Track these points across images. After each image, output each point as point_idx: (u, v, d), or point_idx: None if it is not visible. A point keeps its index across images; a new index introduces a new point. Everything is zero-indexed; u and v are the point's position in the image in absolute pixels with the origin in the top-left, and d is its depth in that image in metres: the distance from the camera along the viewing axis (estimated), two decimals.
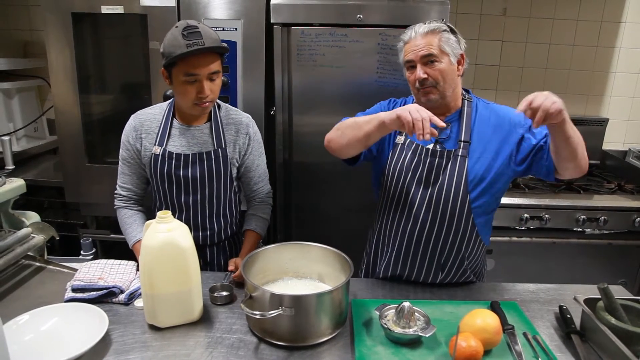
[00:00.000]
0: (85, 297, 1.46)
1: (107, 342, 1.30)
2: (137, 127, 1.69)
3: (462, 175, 1.55)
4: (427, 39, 1.51)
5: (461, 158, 1.55)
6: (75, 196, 2.52)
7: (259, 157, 1.83)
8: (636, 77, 3.10)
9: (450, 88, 1.55)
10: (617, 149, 3.19)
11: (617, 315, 1.31)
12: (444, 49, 1.51)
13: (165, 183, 1.69)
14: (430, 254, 1.61)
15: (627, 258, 2.56)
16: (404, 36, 1.57)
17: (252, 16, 2.22)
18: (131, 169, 1.74)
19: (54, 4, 2.25)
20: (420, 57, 1.51)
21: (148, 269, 1.33)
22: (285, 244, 1.57)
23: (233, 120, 1.75)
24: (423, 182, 1.58)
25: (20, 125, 2.87)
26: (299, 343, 1.30)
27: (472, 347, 1.20)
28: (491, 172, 1.56)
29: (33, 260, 1.72)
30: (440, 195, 1.56)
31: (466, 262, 1.64)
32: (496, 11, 3.00)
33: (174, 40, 1.51)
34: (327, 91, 2.29)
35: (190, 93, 1.57)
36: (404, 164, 1.61)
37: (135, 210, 1.78)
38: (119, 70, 2.48)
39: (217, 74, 1.59)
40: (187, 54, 1.49)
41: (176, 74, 1.55)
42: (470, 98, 1.63)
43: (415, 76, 1.53)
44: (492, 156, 1.56)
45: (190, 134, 1.69)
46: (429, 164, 1.57)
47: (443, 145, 1.58)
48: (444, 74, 1.51)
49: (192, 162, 1.67)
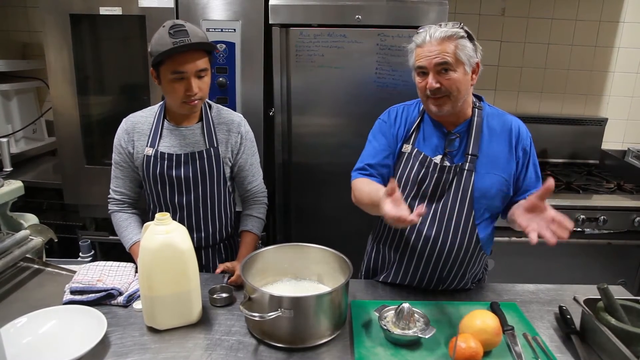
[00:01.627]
0: (83, 299, 1.46)
1: (105, 344, 1.29)
2: (128, 129, 1.69)
3: (467, 190, 1.50)
4: (442, 46, 1.40)
5: (467, 172, 1.49)
6: (74, 198, 2.52)
7: (252, 155, 1.82)
8: (635, 76, 3.10)
9: (462, 98, 1.47)
10: (616, 148, 3.19)
11: (617, 315, 1.31)
12: (459, 57, 1.41)
13: (158, 184, 1.69)
14: (432, 268, 1.57)
15: (627, 258, 2.56)
16: (416, 38, 1.46)
17: (251, 17, 2.22)
18: (124, 173, 1.73)
19: (52, 6, 2.25)
20: (433, 65, 1.41)
21: (147, 270, 1.33)
22: (284, 245, 1.56)
23: (224, 120, 1.74)
24: (428, 196, 1.53)
25: (19, 126, 2.86)
26: (298, 345, 1.30)
27: (472, 348, 1.20)
28: (496, 187, 1.51)
29: (31, 262, 1.72)
30: (445, 210, 1.52)
31: (468, 274, 1.61)
32: (495, 11, 3.00)
33: (161, 39, 1.51)
34: (326, 92, 2.29)
35: (179, 91, 1.56)
36: (410, 176, 1.55)
37: (130, 213, 1.77)
38: (117, 72, 2.47)
39: (205, 72, 1.58)
40: (172, 51, 1.49)
41: (164, 72, 1.55)
42: (481, 106, 1.56)
43: (427, 84, 1.43)
44: (499, 171, 1.51)
45: (182, 135, 1.69)
46: (436, 179, 1.51)
47: (451, 159, 1.53)
48: (457, 84, 1.42)
49: (184, 162, 1.67)
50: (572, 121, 3.12)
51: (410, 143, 1.58)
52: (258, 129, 2.32)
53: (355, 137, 1.82)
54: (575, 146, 3.15)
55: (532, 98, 3.16)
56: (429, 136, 1.57)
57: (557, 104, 3.17)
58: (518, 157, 1.54)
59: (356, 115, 2.28)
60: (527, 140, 1.55)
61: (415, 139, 1.58)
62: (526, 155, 1.55)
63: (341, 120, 2.33)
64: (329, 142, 2.35)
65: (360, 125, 1.85)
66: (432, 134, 1.56)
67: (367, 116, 1.80)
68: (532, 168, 1.56)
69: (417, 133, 1.59)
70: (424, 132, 1.58)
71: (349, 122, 2.31)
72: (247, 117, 2.17)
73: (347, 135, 2.30)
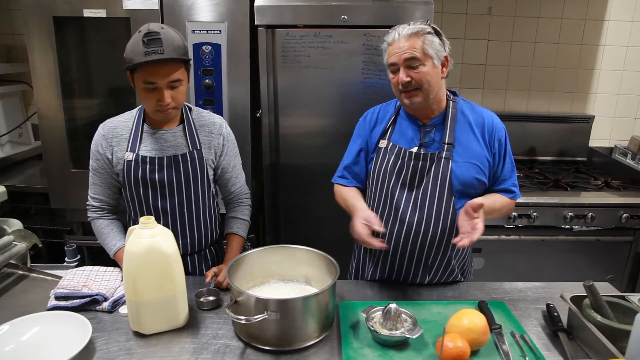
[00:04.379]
0: (68, 305, 1.44)
1: (90, 350, 1.28)
2: (106, 135, 1.65)
3: (445, 177, 1.55)
4: (410, 42, 1.49)
5: (445, 160, 1.55)
6: (60, 202, 2.49)
7: (235, 157, 1.80)
8: (620, 74, 3.13)
9: (434, 91, 1.54)
10: (603, 145, 3.21)
11: (603, 312, 1.32)
12: (427, 52, 1.49)
13: (140, 189, 1.65)
14: (417, 256, 1.61)
15: (615, 254, 2.58)
16: (387, 37, 1.56)
17: (237, 18, 2.21)
18: (102, 179, 1.69)
19: (36, 8, 2.23)
20: (403, 60, 1.50)
21: (132, 275, 1.31)
22: (271, 247, 1.55)
23: (205, 122, 1.72)
24: (407, 184, 1.58)
25: (4, 130, 2.83)
26: (285, 347, 1.29)
27: (459, 347, 1.20)
28: (474, 174, 1.57)
29: (15, 268, 1.70)
30: (425, 197, 1.57)
31: (453, 261, 1.64)
32: (481, 10, 3.02)
33: (134, 45, 1.47)
34: (312, 92, 2.28)
35: (151, 100, 1.53)
36: (387, 168, 1.61)
37: (111, 219, 1.73)
38: (103, 74, 2.45)
39: (180, 82, 1.54)
40: (143, 64, 1.45)
41: (137, 79, 1.52)
42: (455, 100, 1.63)
43: (399, 79, 1.52)
44: (475, 160, 1.57)
45: (163, 138, 1.66)
46: (413, 166, 1.57)
47: (427, 149, 1.59)
48: (427, 77, 1.50)
49: (167, 165, 1.64)
50: (559, 119, 3.14)
51: (386, 138, 1.65)
52: (245, 131, 2.31)
53: (343, 137, 1.83)
54: (563, 144, 3.18)
55: (520, 96, 3.18)
56: (405, 130, 1.63)
57: (544, 102, 3.19)
58: (494, 149, 1.61)
59: (343, 115, 2.28)
60: (501, 132, 1.62)
61: (391, 134, 1.65)
62: (502, 147, 1.62)
63: (328, 120, 2.32)
64: (316, 143, 2.35)
65: (347, 125, 1.85)
66: (408, 128, 1.63)
67: (354, 116, 1.80)
68: (508, 159, 1.64)
69: (393, 128, 1.66)
70: (400, 126, 1.65)
71: (336, 122, 2.31)
72: (234, 119, 2.17)
73: (334, 136, 2.30)
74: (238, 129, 1.84)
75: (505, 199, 1.65)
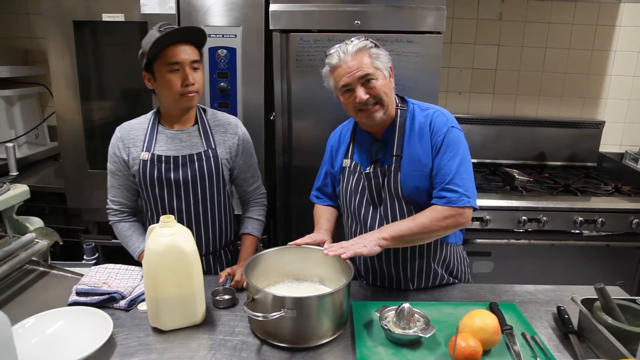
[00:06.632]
0: (87, 301, 1.48)
1: (111, 344, 1.32)
2: (123, 137, 1.69)
3: (398, 189, 1.57)
4: (358, 59, 1.47)
5: (394, 173, 1.56)
6: (76, 202, 2.54)
7: (251, 157, 1.83)
8: (631, 79, 3.13)
9: (392, 102, 1.56)
10: (613, 151, 3.21)
11: (614, 314, 1.34)
12: (377, 66, 1.49)
13: (156, 188, 1.68)
14: (394, 266, 1.65)
15: (625, 259, 2.58)
16: (330, 60, 1.52)
17: (251, 23, 2.25)
18: (120, 182, 1.72)
19: (56, 13, 2.28)
20: (357, 79, 1.47)
21: (152, 272, 1.35)
22: (286, 248, 1.58)
23: (220, 122, 1.76)
24: (370, 202, 1.62)
25: (22, 132, 2.89)
26: (300, 344, 1.32)
27: (472, 347, 1.21)
28: (422, 183, 1.55)
29: (37, 265, 1.74)
30: (387, 211, 1.60)
31: (434, 265, 1.65)
32: (492, 16, 3.04)
33: (150, 36, 1.55)
34: (325, 96, 2.29)
35: (175, 83, 1.58)
36: (351, 187, 1.65)
37: (132, 222, 1.77)
38: (120, 77, 2.50)
39: (198, 64, 1.62)
40: (161, 39, 1.52)
41: (158, 67, 1.58)
42: (404, 107, 1.61)
43: (357, 98, 1.48)
44: (421, 167, 1.55)
45: (178, 138, 1.69)
46: (369, 185, 1.60)
47: (381, 164, 1.60)
48: (383, 89, 1.50)
49: (182, 164, 1.66)
50: (569, 124, 3.14)
51: (349, 157, 1.68)
52: (259, 133, 2.35)
53: None
54: (573, 149, 3.18)
55: (530, 101, 3.19)
56: (361, 147, 1.67)
57: (554, 107, 3.20)
58: (433, 146, 1.54)
59: None
60: (443, 128, 1.53)
61: (352, 153, 1.69)
62: (437, 145, 1.53)
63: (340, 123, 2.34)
64: None
65: None
66: (363, 145, 1.67)
67: None
68: (448, 159, 1.51)
69: (353, 147, 1.69)
70: (359, 144, 1.68)
71: None
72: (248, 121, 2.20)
73: None
74: (252, 132, 1.87)
75: (425, 213, 1.50)
